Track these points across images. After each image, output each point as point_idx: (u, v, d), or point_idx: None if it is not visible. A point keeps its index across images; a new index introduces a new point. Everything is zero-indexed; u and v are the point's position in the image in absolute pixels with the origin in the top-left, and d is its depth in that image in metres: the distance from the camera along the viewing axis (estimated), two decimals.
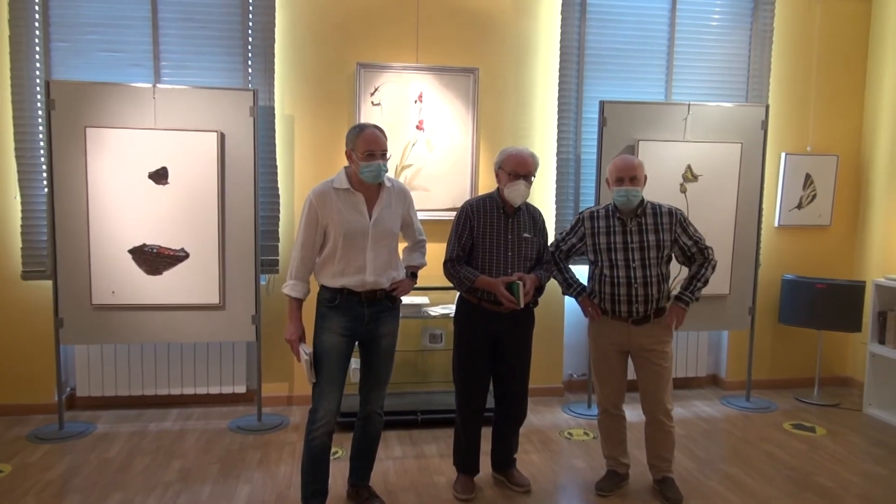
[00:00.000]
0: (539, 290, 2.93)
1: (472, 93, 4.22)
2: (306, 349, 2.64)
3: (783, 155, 4.65)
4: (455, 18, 4.22)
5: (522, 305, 2.79)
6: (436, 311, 4.04)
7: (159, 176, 3.65)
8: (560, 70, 4.32)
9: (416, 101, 4.17)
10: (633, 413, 3.23)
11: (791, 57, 4.64)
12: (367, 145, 2.59)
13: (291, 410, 4.18)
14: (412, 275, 2.89)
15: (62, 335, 3.68)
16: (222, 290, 3.75)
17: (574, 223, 3.12)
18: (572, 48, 4.33)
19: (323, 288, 2.70)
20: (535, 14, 4.32)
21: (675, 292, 3.07)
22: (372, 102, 4.12)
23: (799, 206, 4.69)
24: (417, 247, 2.95)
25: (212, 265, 3.72)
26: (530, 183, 2.87)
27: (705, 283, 3.00)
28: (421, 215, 4.13)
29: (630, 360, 3.05)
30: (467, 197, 4.18)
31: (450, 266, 2.90)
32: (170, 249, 3.69)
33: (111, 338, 3.71)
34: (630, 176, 2.88)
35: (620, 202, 2.91)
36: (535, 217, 2.99)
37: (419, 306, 4.01)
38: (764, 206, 4.45)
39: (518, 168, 2.84)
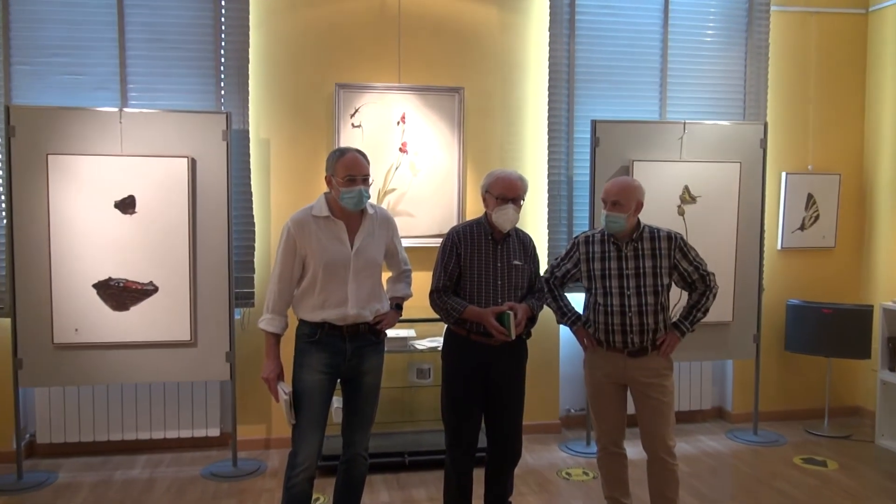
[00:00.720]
0: (532, 320, 2.95)
1: (458, 113, 4.29)
2: (285, 388, 2.63)
3: (783, 174, 4.74)
4: (439, 36, 4.31)
5: (514, 337, 2.80)
6: (423, 344, 4.04)
7: (126, 205, 3.67)
8: (549, 88, 4.41)
9: (398, 123, 4.23)
10: (635, 450, 3.24)
11: (788, 72, 4.77)
12: (348, 170, 2.61)
13: (269, 455, 4.15)
14: (397, 306, 2.91)
15: (21, 377, 3.64)
16: (194, 326, 3.74)
17: (569, 248, 3.14)
18: (561, 65, 4.43)
19: (302, 322, 2.71)
20: (521, 31, 4.42)
21: (674, 319, 3.10)
22: (352, 124, 4.17)
23: (802, 228, 4.78)
24: (402, 276, 2.97)
25: (182, 299, 3.72)
26: (519, 207, 2.91)
27: (705, 312, 3.03)
28: (405, 242, 4.11)
29: (630, 395, 3.07)
30: (454, 222, 4.22)
31: (436, 297, 2.91)
32: (137, 283, 3.68)
33: (74, 379, 3.68)
34: (611, 200, 2.90)
35: (604, 226, 2.97)
36: (525, 243, 3.02)
37: (405, 340, 4.01)
38: (766, 227, 4.52)
39: (506, 191, 2.88)
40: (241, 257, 4.08)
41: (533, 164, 4.46)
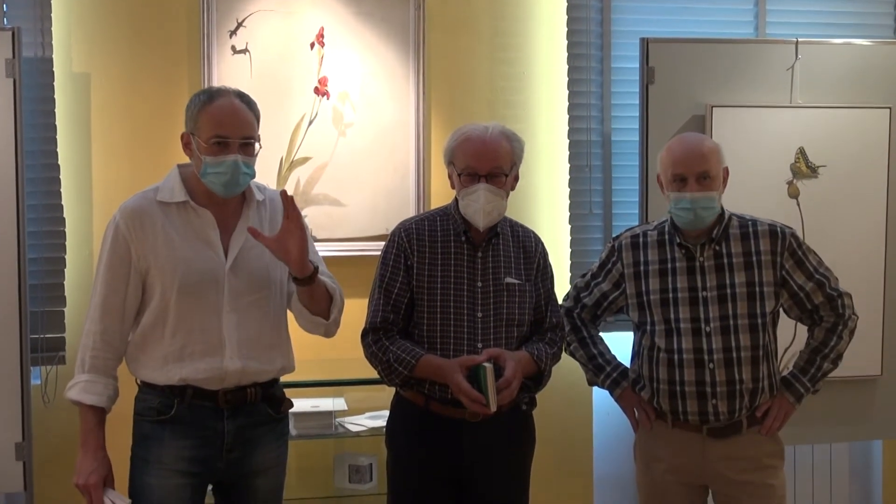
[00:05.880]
0: (537, 379, 2.95)
1: (414, 28, 4.29)
2: (117, 500, 2.61)
3: None
4: None
5: (494, 408, 2.76)
6: (359, 423, 4.02)
7: None
8: None
9: (312, 46, 4.21)
10: None
11: None
12: (216, 126, 2.62)
13: None
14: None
15: None
16: None
17: (605, 257, 3.17)
18: None
19: (145, 388, 2.70)
20: None
21: (784, 372, 3.11)
22: (233, 48, 4.15)
23: None
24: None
25: None
26: (502, 187, 2.89)
27: (836, 360, 3.04)
28: (331, 247, 4.12)
29: (711, 501, 3.07)
30: (412, 215, 4.17)
31: (371, 340, 2.91)
32: None
33: None
34: (698, 172, 2.90)
35: (683, 219, 2.95)
36: (526, 247, 3.03)
37: (328, 416, 3.98)
38: None
39: (474, 161, 2.86)
40: (43, 279, 4.02)
41: (546, 115, 4.48)
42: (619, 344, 3.44)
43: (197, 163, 2.65)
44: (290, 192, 2.83)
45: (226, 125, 2.61)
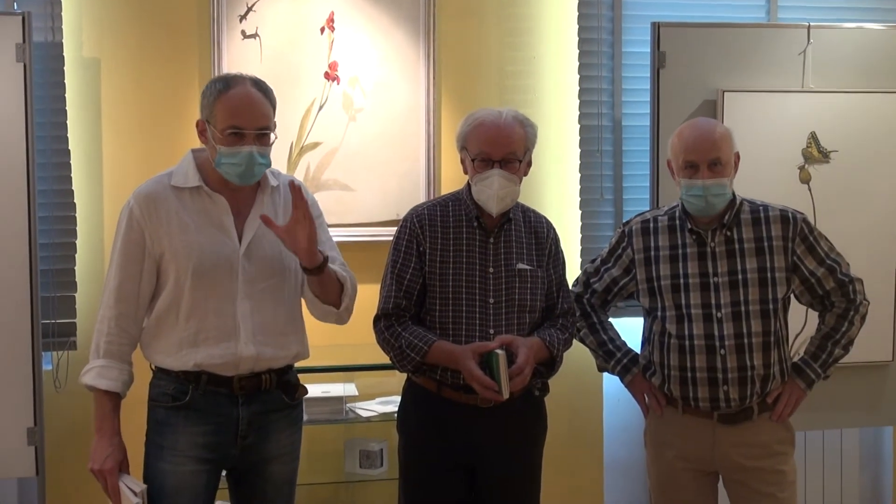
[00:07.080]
0: (549, 365, 2.95)
1: (425, 14, 4.28)
2: (132, 485, 2.61)
3: None
4: None
5: (506, 395, 2.76)
6: (370, 408, 4.03)
7: None
8: None
9: (322, 31, 4.21)
10: None
11: None
12: (232, 116, 2.60)
13: None
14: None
15: None
16: None
17: (615, 242, 3.16)
18: None
19: (160, 374, 2.70)
20: None
21: (795, 359, 3.12)
22: (243, 34, 4.15)
23: None
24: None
25: None
26: (516, 173, 2.89)
27: (847, 346, 3.05)
28: (341, 233, 4.12)
29: (721, 487, 3.07)
30: (421, 200, 4.18)
31: (383, 326, 2.91)
32: None
33: None
34: (710, 159, 2.90)
35: (694, 205, 2.95)
36: (538, 233, 3.03)
37: (339, 401, 3.99)
38: None
39: (488, 147, 2.86)
40: (54, 264, 4.03)
41: (556, 100, 4.48)
42: (629, 330, 3.45)
43: (212, 151, 2.63)
44: (300, 178, 2.84)
45: (242, 116, 2.59)
